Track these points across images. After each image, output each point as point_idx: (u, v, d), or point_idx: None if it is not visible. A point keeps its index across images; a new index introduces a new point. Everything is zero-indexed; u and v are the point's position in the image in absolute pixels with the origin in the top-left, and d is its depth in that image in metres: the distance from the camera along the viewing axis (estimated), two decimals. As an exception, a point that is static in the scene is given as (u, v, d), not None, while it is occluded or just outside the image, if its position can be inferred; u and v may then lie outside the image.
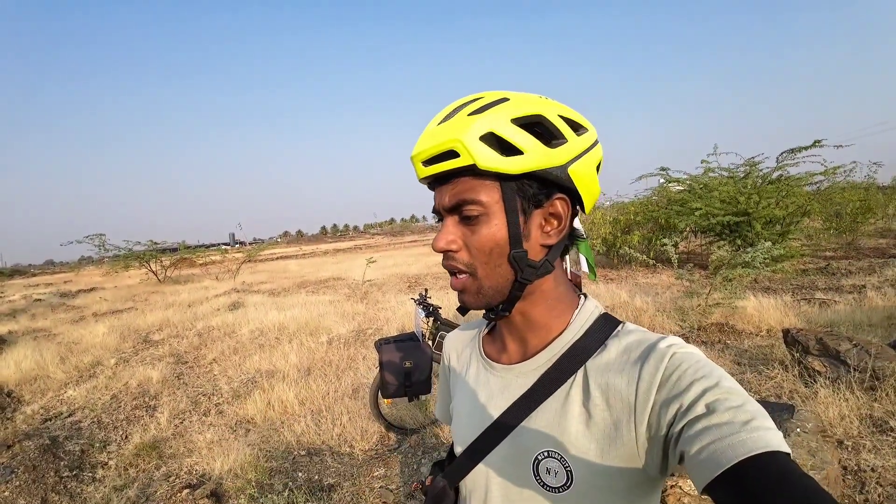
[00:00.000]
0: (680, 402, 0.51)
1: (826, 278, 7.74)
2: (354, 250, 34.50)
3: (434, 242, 0.64)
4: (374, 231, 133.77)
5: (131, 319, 9.30)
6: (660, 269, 9.28)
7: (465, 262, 0.63)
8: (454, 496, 0.77)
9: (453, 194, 0.62)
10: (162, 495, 2.98)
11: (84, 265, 32.71)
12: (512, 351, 0.71)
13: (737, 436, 0.45)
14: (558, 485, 0.60)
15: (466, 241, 0.63)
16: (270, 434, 3.72)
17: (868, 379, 3.29)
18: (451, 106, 0.65)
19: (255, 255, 21.22)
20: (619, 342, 0.62)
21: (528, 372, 0.67)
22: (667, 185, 11.35)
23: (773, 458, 0.44)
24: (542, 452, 0.62)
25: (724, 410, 0.48)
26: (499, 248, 0.62)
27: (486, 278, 0.63)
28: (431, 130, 0.63)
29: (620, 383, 0.58)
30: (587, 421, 0.59)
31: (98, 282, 21.62)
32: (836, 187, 10.45)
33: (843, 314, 5.18)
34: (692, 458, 0.48)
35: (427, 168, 0.62)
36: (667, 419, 0.52)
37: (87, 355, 6.73)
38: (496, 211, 0.61)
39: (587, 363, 0.62)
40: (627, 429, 0.56)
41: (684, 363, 0.54)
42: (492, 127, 0.59)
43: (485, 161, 0.58)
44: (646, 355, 0.57)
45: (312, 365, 5.34)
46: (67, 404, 4.85)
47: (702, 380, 0.52)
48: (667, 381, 0.54)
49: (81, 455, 3.68)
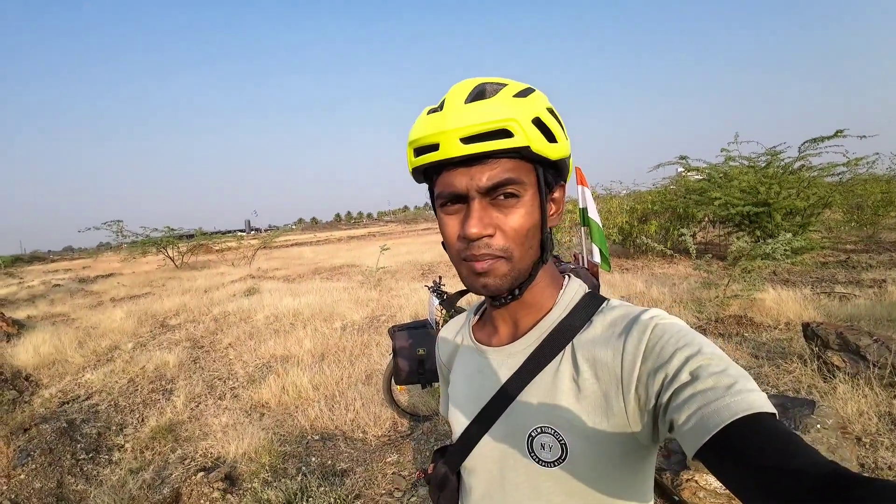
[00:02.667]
0: (665, 371, 0.53)
1: (846, 272, 7.58)
2: (368, 237, 34.62)
3: (466, 229, 0.60)
4: (387, 218, 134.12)
5: (148, 305, 9.44)
6: (677, 260, 9.18)
7: (501, 247, 0.61)
8: (457, 481, 0.79)
9: (494, 175, 0.60)
10: (177, 478, 3.03)
11: (102, 251, 33.19)
12: (503, 333, 0.72)
13: (721, 400, 0.46)
14: (553, 459, 0.61)
15: (500, 223, 0.61)
16: (284, 418, 3.76)
17: (888, 375, 3.22)
18: (468, 84, 0.63)
19: (270, 241, 21.40)
20: (604, 317, 0.64)
21: (518, 352, 0.68)
22: (685, 174, 11.18)
23: (759, 419, 0.45)
24: (536, 428, 0.63)
25: (708, 376, 0.49)
26: (534, 229, 0.63)
27: (521, 260, 0.63)
28: (469, 107, 0.60)
29: (607, 356, 0.59)
30: (577, 395, 0.61)
31: (116, 268, 21.95)
32: (858, 179, 10.24)
33: (863, 308, 5.06)
34: (681, 427, 0.49)
35: (467, 146, 0.58)
36: (654, 389, 0.53)
37: (104, 340, 6.85)
38: (532, 193, 0.62)
39: (574, 339, 0.64)
40: (616, 400, 0.57)
41: (667, 333, 0.56)
42: (538, 112, 0.61)
43: (538, 144, 0.59)
44: (629, 328, 0.59)
45: (326, 351, 5.38)
46: (85, 388, 4.95)
47: (684, 348, 0.53)
48: (651, 352, 0.55)
49: (98, 438, 3.75)
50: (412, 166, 0.68)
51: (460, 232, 0.62)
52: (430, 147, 0.62)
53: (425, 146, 0.63)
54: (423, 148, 0.64)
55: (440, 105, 0.63)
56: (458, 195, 0.62)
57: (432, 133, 0.61)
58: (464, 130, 0.58)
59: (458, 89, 0.63)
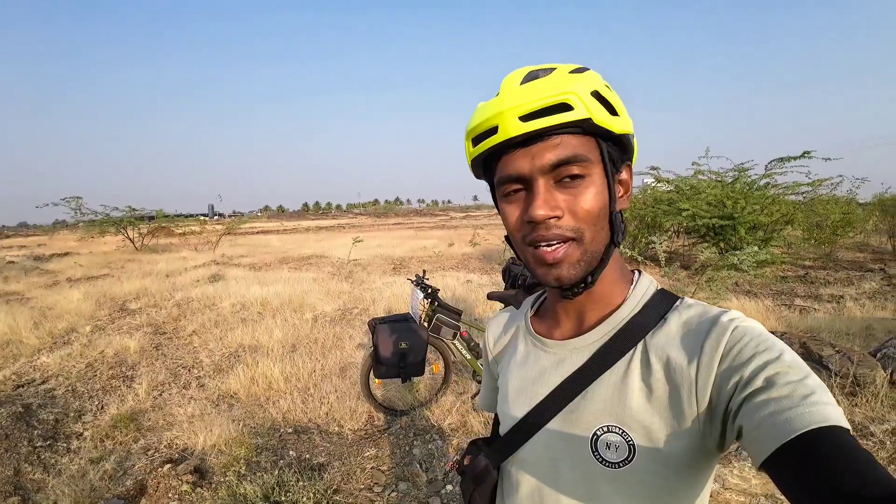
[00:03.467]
0: (740, 374, 0.51)
1: (805, 286, 7.90)
2: (337, 229, 34.17)
3: (533, 210, 0.57)
4: (357, 211, 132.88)
5: (107, 287, 9.03)
6: (644, 266, 9.39)
7: (572, 227, 0.58)
8: (496, 476, 0.76)
9: (557, 153, 0.57)
10: (141, 469, 2.89)
11: (58, 229, 31.68)
12: (566, 327, 0.70)
13: (796, 409, 0.45)
14: (619, 460, 0.59)
15: (569, 205, 0.58)
16: (255, 410, 3.65)
17: (849, 385, 3.36)
18: (520, 72, 0.61)
19: (235, 227, 20.86)
20: (679, 316, 0.61)
21: (584, 347, 0.65)
22: (655, 185, 11.47)
23: (833, 433, 0.43)
24: (602, 427, 0.60)
25: (784, 384, 0.47)
26: (604, 208, 0.60)
27: (592, 242, 0.60)
28: (524, 87, 0.58)
29: (682, 357, 0.57)
30: (648, 395, 0.58)
31: (73, 247, 20.99)
32: (819, 199, 10.69)
33: (822, 321, 5.28)
34: (750, 432, 0.47)
35: (527, 124, 0.56)
36: (726, 392, 0.52)
37: (61, 321, 6.52)
38: (599, 171, 0.60)
39: (647, 338, 0.61)
40: (689, 403, 0.55)
41: (746, 336, 0.54)
42: (596, 86, 0.59)
43: (600, 116, 0.57)
44: (707, 329, 0.56)
45: (298, 342, 5.26)
46: (41, 371, 4.69)
47: (763, 353, 0.51)
48: (728, 355, 0.53)
49: (56, 424, 3.56)
50: (471, 157, 0.65)
51: (524, 215, 0.60)
52: (488, 132, 0.60)
53: (483, 132, 0.61)
54: (481, 135, 0.61)
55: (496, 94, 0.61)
56: (521, 177, 0.59)
57: (490, 116, 0.59)
58: (522, 108, 0.56)
59: (512, 75, 0.61)
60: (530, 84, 0.58)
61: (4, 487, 2.74)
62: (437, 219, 52.77)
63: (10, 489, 2.73)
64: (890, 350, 3.71)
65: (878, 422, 2.98)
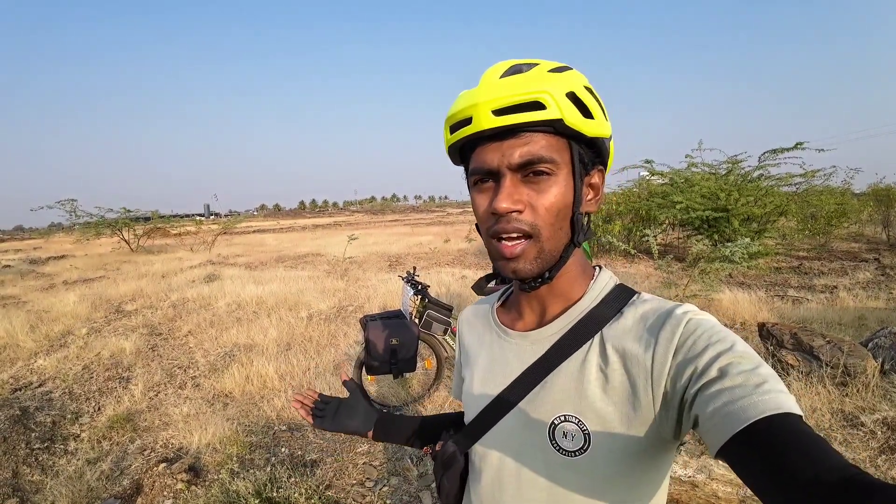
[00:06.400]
0: (694, 365, 0.52)
1: (799, 277, 7.95)
2: (334, 227, 34.12)
3: (496, 203, 0.60)
4: (353, 208, 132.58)
5: (103, 289, 9.04)
6: (639, 260, 9.42)
7: (529, 223, 0.60)
8: (464, 462, 0.78)
9: (527, 150, 0.59)
10: (137, 469, 2.93)
11: (54, 232, 31.52)
12: (528, 319, 0.72)
13: (749, 398, 0.46)
14: (575, 448, 0.61)
15: (531, 200, 0.60)
16: (249, 409, 3.68)
17: (840, 375, 3.38)
18: (503, 64, 0.63)
19: (231, 226, 20.85)
20: (635, 310, 0.63)
21: (544, 339, 0.67)
22: (649, 178, 11.47)
23: (787, 420, 0.44)
24: (559, 416, 0.62)
25: (737, 374, 0.49)
26: (566, 209, 0.62)
27: (549, 240, 0.62)
28: (502, 81, 0.60)
29: (638, 349, 0.58)
30: (605, 385, 0.60)
31: (68, 249, 20.91)
32: (813, 190, 10.71)
33: (815, 312, 5.32)
34: (705, 421, 0.49)
35: (499, 118, 0.58)
36: (681, 383, 0.53)
37: (57, 324, 6.53)
38: (565, 172, 0.61)
39: (604, 330, 0.63)
40: (644, 393, 0.57)
41: (699, 328, 0.55)
42: (573, 87, 0.60)
43: (571, 117, 0.59)
44: (662, 322, 0.58)
45: (292, 340, 5.29)
46: (38, 374, 4.71)
47: (716, 344, 0.53)
48: (682, 346, 0.55)
49: (53, 427, 3.58)
50: (448, 144, 0.67)
51: (489, 207, 0.62)
52: (463, 122, 0.62)
53: (459, 121, 0.63)
54: (457, 123, 0.64)
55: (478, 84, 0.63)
56: (490, 171, 0.61)
57: (466, 107, 0.61)
58: (496, 102, 0.58)
59: (495, 68, 0.63)
60: (509, 79, 0.60)
61: (3, 489, 2.77)
62: (434, 215, 52.69)
63: (9, 491, 2.76)
64: (881, 340, 3.73)
65: (869, 412, 3.00)
